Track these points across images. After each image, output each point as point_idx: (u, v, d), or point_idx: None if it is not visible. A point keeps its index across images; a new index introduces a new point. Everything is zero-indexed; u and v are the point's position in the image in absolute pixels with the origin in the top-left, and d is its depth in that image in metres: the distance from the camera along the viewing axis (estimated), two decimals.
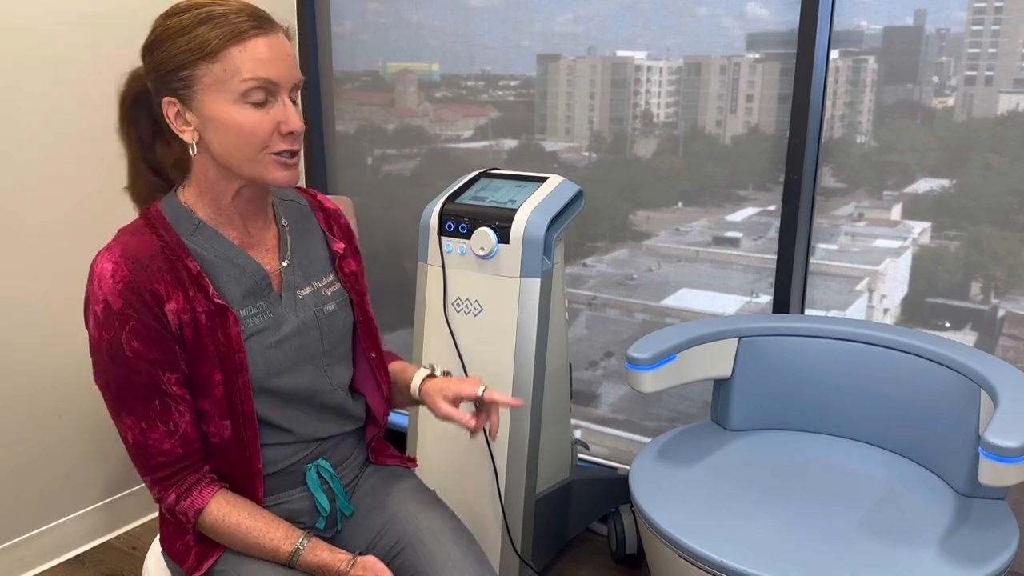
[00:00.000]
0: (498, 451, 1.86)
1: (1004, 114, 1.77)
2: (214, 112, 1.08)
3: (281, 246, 1.23)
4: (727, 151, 2.09)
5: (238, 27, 1.07)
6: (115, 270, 1.08)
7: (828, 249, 2.02)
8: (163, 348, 1.10)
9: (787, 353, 1.83)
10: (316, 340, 1.24)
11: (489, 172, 2.00)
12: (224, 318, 1.13)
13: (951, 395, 1.62)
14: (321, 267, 1.28)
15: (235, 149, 1.09)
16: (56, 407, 2.15)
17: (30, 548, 2.15)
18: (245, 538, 1.15)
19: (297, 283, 1.23)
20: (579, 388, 2.44)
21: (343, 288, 1.30)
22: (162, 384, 1.11)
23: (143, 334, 1.09)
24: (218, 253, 1.16)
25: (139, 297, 1.08)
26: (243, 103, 1.07)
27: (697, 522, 1.47)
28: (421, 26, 2.47)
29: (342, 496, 1.30)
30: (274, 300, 1.20)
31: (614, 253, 2.30)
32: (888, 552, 1.38)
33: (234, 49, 1.06)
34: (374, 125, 2.63)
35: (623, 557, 2.13)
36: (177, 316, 1.10)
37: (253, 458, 1.18)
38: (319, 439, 1.27)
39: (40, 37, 2.00)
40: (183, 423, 1.13)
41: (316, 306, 1.24)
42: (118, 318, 1.08)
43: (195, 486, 1.16)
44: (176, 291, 1.10)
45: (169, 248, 1.12)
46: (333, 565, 1.15)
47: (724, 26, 2.04)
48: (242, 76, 1.06)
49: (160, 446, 1.13)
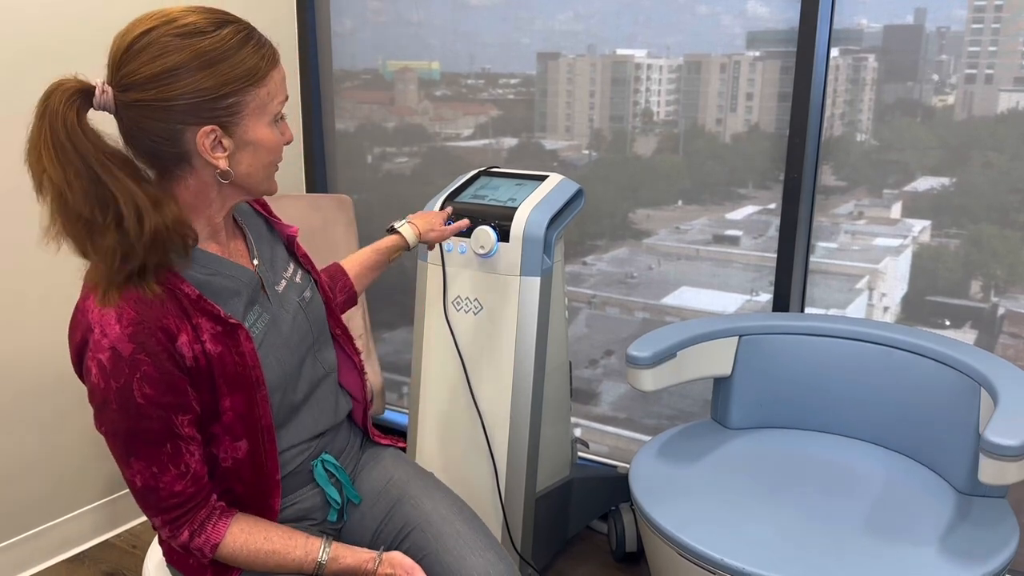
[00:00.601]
0: (498, 449, 1.86)
1: (1004, 112, 1.77)
2: (256, 135, 1.07)
3: (248, 249, 1.22)
4: (727, 149, 2.09)
5: (270, 51, 1.08)
6: (120, 314, 1.01)
7: (828, 247, 2.02)
8: (176, 391, 1.05)
9: (787, 352, 1.83)
10: (307, 331, 1.24)
11: (489, 170, 1.99)
12: (235, 337, 1.09)
13: (951, 393, 1.62)
14: (281, 257, 1.27)
15: (263, 167, 1.11)
16: (57, 406, 2.15)
17: (31, 546, 2.15)
18: (266, 563, 1.14)
19: (274, 280, 1.23)
20: (579, 386, 2.44)
21: (306, 272, 1.30)
22: (174, 427, 1.06)
23: (155, 379, 1.03)
24: (211, 270, 1.11)
25: (151, 337, 1.02)
26: (275, 122, 1.10)
27: (697, 520, 1.47)
28: (421, 24, 2.47)
29: (349, 485, 1.31)
30: (266, 301, 1.19)
31: (614, 251, 2.30)
32: (888, 550, 1.38)
33: (274, 71, 1.08)
34: (374, 123, 2.63)
35: (623, 555, 2.13)
36: (190, 348, 1.05)
37: (271, 471, 1.16)
38: (319, 435, 1.27)
39: (39, 37, 1.99)
40: (193, 463, 1.09)
41: (298, 296, 1.25)
42: (128, 364, 1.01)
43: (208, 521, 1.12)
44: (183, 322, 1.05)
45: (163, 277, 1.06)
46: (360, 567, 1.16)
47: (724, 24, 2.04)
48: (279, 98, 1.10)
49: (171, 488, 1.08)
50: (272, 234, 1.29)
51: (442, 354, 1.91)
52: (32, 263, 2.05)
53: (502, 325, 1.82)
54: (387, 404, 2.83)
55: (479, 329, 1.85)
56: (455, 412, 1.91)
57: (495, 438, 1.87)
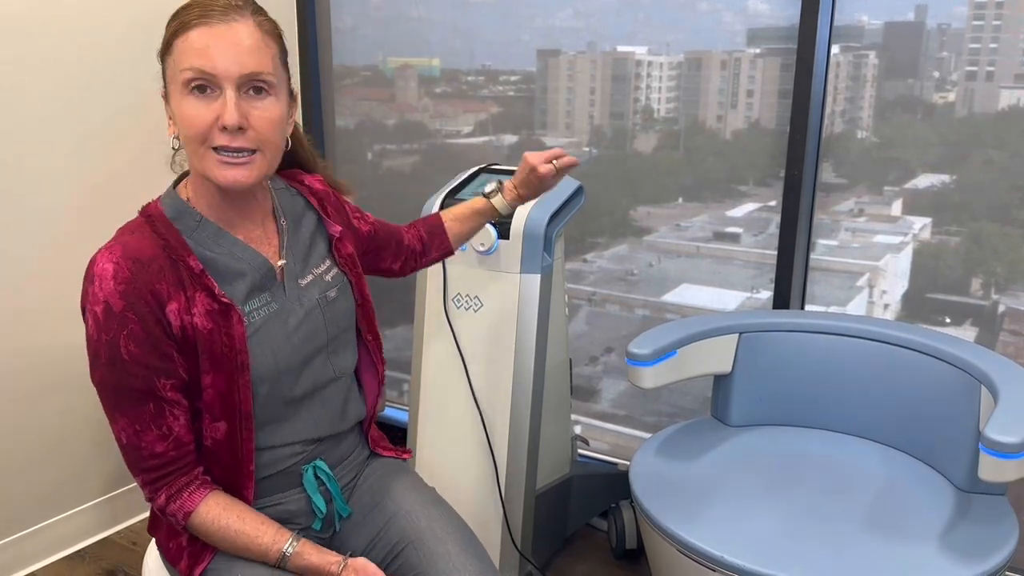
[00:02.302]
0: (498, 446, 1.86)
1: (1005, 109, 1.77)
2: (174, 105, 1.07)
3: (280, 242, 1.22)
4: (728, 146, 2.09)
5: (186, 18, 1.05)
6: (116, 271, 1.05)
7: (828, 245, 2.01)
8: (160, 354, 1.08)
9: (787, 349, 1.83)
10: (321, 328, 1.22)
11: (489, 167, 1.99)
12: (228, 317, 1.11)
13: (951, 391, 1.62)
14: (319, 253, 1.26)
15: (186, 142, 1.07)
16: (57, 404, 2.15)
17: (31, 543, 2.15)
18: (234, 541, 1.14)
19: (299, 273, 1.22)
20: (579, 384, 2.44)
21: (341, 272, 1.28)
22: (157, 389, 1.09)
23: (141, 338, 1.06)
24: (221, 249, 1.13)
25: (140, 299, 1.05)
26: (187, 94, 1.05)
27: (697, 518, 1.47)
28: (422, 21, 2.46)
29: (339, 497, 1.28)
30: (279, 293, 1.18)
31: (614, 249, 2.30)
32: (888, 547, 1.38)
33: (178, 41, 1.05)
34: (374, 120, 2.63)
35: (623, 552, 2.13)
36: (179, 317, 1.08)
37: (245, 460, 1.16)
38: (317, 439, 1.25)
39: (41, 35, 1.99)
40: (176, 427, 1.11)
41: (320, 293, 1.23)
42: (117, 320, 1.05)
43: (185, 488, 1.13)
44: (178, 292, 1.08)
45: (170, 247, 1.09)
46: (323, 568, 1.13)
47: (725, 21, 2.03)
48: (181, 66, 1.05)
49: (152, 448, 1.11)
50: (319, 229, 1.28)
51: (442, 351, 1.91)
52: (33, 261, 2.05)
53: (502, 322, 1.82)
54: (387, 401, 2.83)
55: (479, 326, 1.85)
56: (455, 409, 1.91)
57: (495, 435, 1.87)
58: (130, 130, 2.21)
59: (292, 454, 1.23)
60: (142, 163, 2.25)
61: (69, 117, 2.07)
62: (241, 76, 1.04)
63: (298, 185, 1.30)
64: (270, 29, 1.10)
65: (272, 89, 1.08)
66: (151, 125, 2.25)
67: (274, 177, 1.28)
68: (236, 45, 1.04)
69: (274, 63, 1.08)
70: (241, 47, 1.04)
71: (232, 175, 1.06)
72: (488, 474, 1.88)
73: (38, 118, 2.01)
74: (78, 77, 2.08)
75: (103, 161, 2.16)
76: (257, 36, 1.06)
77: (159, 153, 2.28)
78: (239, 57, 1.04)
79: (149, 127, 2.25)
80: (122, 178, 2.21)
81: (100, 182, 2.16)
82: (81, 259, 2.15)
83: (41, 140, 2.03)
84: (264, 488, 1.22)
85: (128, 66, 2.18)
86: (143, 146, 2.24)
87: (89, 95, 2.11)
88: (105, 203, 2.18)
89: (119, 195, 2.20)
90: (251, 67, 1.05)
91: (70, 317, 2.15)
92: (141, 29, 2.20)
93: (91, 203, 2.15)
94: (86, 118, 2.11)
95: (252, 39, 1.05)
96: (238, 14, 1.06)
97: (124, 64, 2.17)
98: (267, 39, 1.08)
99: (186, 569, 1.19)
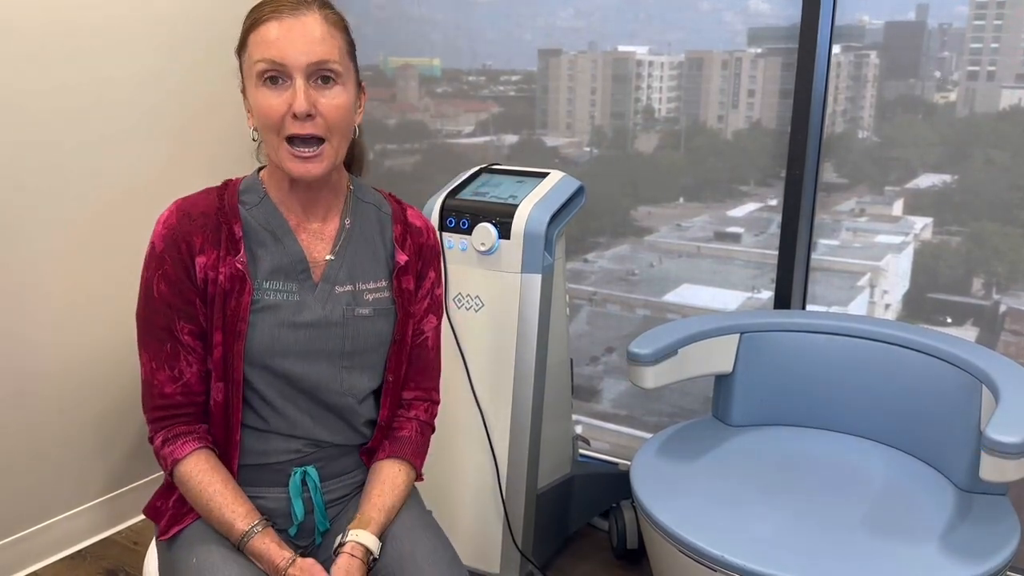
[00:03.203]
0: (499, 446, 1.86)
1: (1006, 109, 1.77)
2: (250, 97, 1.15)
3: (336, 240, 1.24)
4: (728, 146, 2.08)
5: (259, 15, 1.13)
6: (167, 218, 1.18)
7: (830, 245, 2.01)
8: (184, 298, 1.17)
9: (788, 349, 1.83)
10: (338, 338, 1.22)
11: (490, 167, 1.99)
12: (241, 285, 1.17)
13: (952, 391, 1.62)
14: (374, 271, 1.26)
15: (263, 133, 1.14)
16: (58, 403, 2.15)
17: (32, 543, 2.15)
18: (208, 503, 1.17)
19: (339, 279, 1.23)
20: (580, 383, 2.44)
21: (392, 299, 1.27)
22: (175, 330, 1.17)
23: (171, 279, 1.16)
24: (267, 226, 1.20)
25: (175, 245, 1.16)
26: (260, 85, 1.12)
27: (698, 518, 1.47)
28: (423, 20, 2.46)
29: (320, 510, 1.26)
30: (307, 287, 1.21)
31: (615, 249, 2.30)
32: (889, 548, 1.38)
33: (252, 36, 1.13)
34: (375, 120, 2.63)
35: (624, 552, 2.13)
36: (204, 271, 1.17)
37: (233, 428, 1.19)
38: (314, 441, 1.25)
39: (62, 39, 1.99)
40: (188, 373, 1.19)
41: (348, 305, 1.23)
42: (156, 260, 1.17)
43: (182, 436, 1.19)
44: (211, 248, 1.17)
45: (223, 211, 1.19)
46: (273, 559, 1.14)
47: (726, 21, 2.03)
48: (255, 59, 1.12)
49: (163, 388, 1.18)
50: (388, 252, 1.28)
51: (443, 351, 1.91)
52: (38, 259, 2.05)
53: (503, 322, 1.82)
54: None
55: (480, 326, 1.85)
56: (456, 409, 1.91)
57: (496, 435, 1.87)
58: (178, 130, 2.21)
59: (286, 449, 1.23)
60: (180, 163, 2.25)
61: (79, 117, 2.08)
62: (309, 65, 1.11)
63: (396, 207, 1.32)
64: (336, 21, 1.16)
65: (339, 78, 1.14)
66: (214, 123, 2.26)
67: (375, 193, 1.31)
68: (304, 36, 1.11)
69: (340, 53, 1.14)
70: (309, 38, 1.11)
71: (304, 168, 1.14)
72: (489, 473, 1.88)
73: (45, 119, 2.01)
74: (103, 77, 2.08)
75: (117, 159, 2.16)
76: (324, 28, 1.13)
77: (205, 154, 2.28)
78: (307, 47, 1.10)
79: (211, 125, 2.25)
80: (132, 178, 2.21)
81: (110, 180, 2.16)
82: (88, 257, 2.15)
83: (49, 142, 2.03)
84: (249, 476, 1.23)
85: (152, 68, 2.18)
86: (182, 146, 2.25)
87: (98, 93, 2.11)
88: (109, 200, 2.18)
89: (125, 193, 2.20)
90: (318, 56, 1.11)
91: (73, 315, 2.15)
92: (153, 31, 2.20)
93: (97, 200, 2.15)
94: (96, 117, 2.11)
95: (319, 30, 1.12)
96: (306, 8, 1.13)
97: (153, 64, 2.17)
98: (333, 30, 1.14)
99: (164, 527, 1.23)
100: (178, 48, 2.29)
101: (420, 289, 1.31)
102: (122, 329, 2.27)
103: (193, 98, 2.35)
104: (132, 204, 2.24)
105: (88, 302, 2.18)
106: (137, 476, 2.39)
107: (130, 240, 2.25)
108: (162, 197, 2.31)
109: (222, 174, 2.46)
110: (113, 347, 2.26)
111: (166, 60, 2.27)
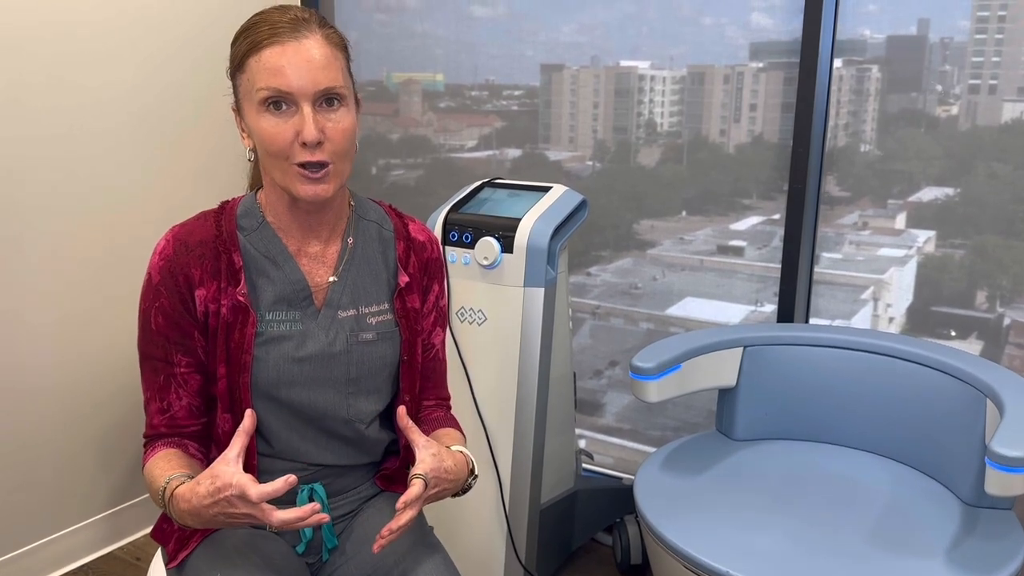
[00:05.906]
0: (502, 460, 1.86)
1: (1008, 122, 1.77)
2: (250, 120, 1.11)
3: (338, 263, 1.21)
4: (731, 160, 2.09)
5: (257, 37, 1.09)
6: (164, 248, 1.16)
7: (832, 258, 2.01)
8: (180, 330, 1.16)
9: (792, 362, 1.82)
10: (342, 365, 1.20)
11: (493, 182, 2.00)
12: (244, 317, 1.15)
13: (957, 404, 1.62)
14: (376, 294, 1.24)
15: (266, 158, 1.11)
16: (61, 419, 2.15)
17: (35, 559, 2.15)
18: (150, 485, 1.12)
19: (341, 303, 1.20)
20: (583, 397, 2.43)
21: (395, 321, 1.25)
22: (172, 363, 1.17)
23: (167, 312, 1.15)
24: (267, 253, 1.18)
25: (173, 277, 1.14)
26: (263, 111, 1.09)
27: (702, 532, 1.47)
28: (426, 36, 2.48)
29: (327, 526, 1.25)
30: (310, 314, 1.18)
31: (618, 262, 2.30)
32: (894, 563, 1.37)
33: (251, 60, 1.09)
34: (378, 135, 2.64)
35: (628, 567, 2.12)
36: (204, 304, 1.15)
37: (250, 454, 1.18)
38: (320, 465, 1.24)
39: (57, 43, 2.01)
40: (177, 406, 1.18)
41: (352, 331, 1.21)
42: (153, 291, 1.15)
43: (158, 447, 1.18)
44: (211, 280, 1.15)
45: (220, 239, 1.16)
46: (196, 490, 1.04)
47: (728, 35, 2.04)
48: (257, 86, 1.08)
49: (152, 419, 1.19)
50: (390, 270, 1.26)
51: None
52: (39, 276, 2.06)
53: (506, 336, 1.82)
54: None
55: (483, 340, 1.85)
56: (459, 423, 1.91)
57: (499, 449, 1.86)
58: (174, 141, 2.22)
59: (293, 470, 1.22)
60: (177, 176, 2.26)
61: (77, 126, 2.09)
62: (316, 93, 1.08)
63: (397, 224, 1.29)
64: (337, 41, 1.13)
65: (344, 100, 1.12)
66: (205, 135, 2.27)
67: (377, 209, 1.28)
68: (309, 62, 1.08)
69: (343, 75, 1.12)
70: (313, 63, 1.08)
71: (313, 190, 1.11)
72: (492, 488, 1.88)
73: (47, 126, 2.02)
74: (101, 83, 2.09)
75: (116, 175, 2.17)
76: (327, 50, 1.10)
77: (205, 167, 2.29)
78: (312, 74, 1.07)
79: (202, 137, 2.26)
80: (136, 193, 2.22)
81: (111, 197, 2.17)
82: (87, 274, 2.15)
83: (51, 149, 2.04)
84: None
85: (156, 74, 2.19)
86: (174, 158, 2.26)
87: (96, 98, 2.12)
88: (114, 218, 2.19)
89: (127, 209, 2.20)
90: (325, 83, 1.08)
91: (75, 332, 2.15)
92: (157, 35, 2.21)
93: (99, 217, 2.16)
94: (96, 127, 2.12)
95: (322, 54, 1.09)
96: (306, 29, 1.09)
97: (155, 73, 2.18)
98: (335, 52, 1.12)
99: (172, 552, 1.22)
100: (173, 54, 2.31)
101: (425, 304, 1.30)
102: (122, 345, 2.27)
103: (188, 103, 2.36)
104: (131, 215, 2.25)
105: (89, 317, 2.19)
106: (139, 492, 2.39)
107: (131, 255, 2.26)
108: (160, 201, 2.32)
109: (217, 179, 2.47)
110: (114, 362, 2.26)
111: (160, 65, 2.28)
